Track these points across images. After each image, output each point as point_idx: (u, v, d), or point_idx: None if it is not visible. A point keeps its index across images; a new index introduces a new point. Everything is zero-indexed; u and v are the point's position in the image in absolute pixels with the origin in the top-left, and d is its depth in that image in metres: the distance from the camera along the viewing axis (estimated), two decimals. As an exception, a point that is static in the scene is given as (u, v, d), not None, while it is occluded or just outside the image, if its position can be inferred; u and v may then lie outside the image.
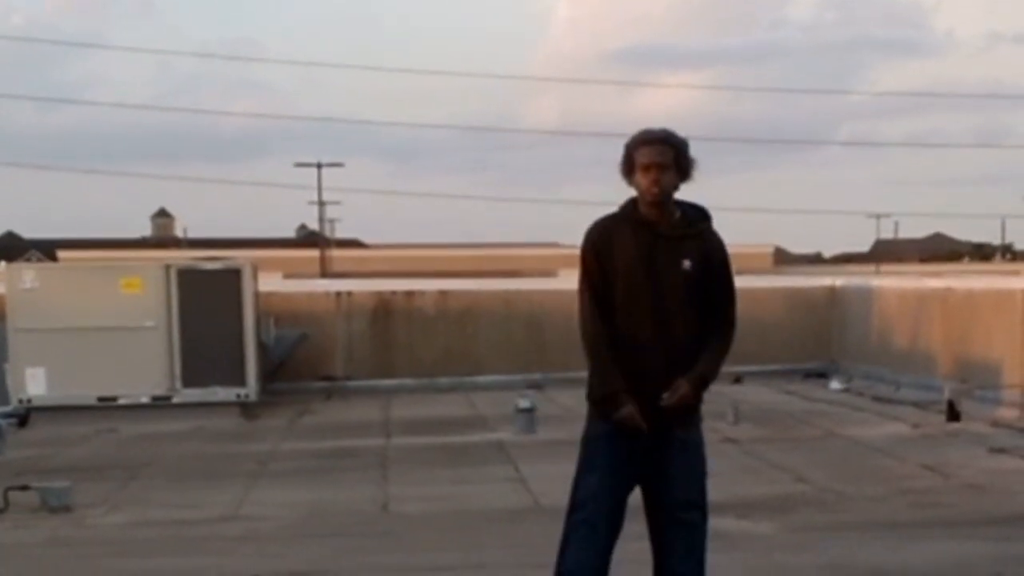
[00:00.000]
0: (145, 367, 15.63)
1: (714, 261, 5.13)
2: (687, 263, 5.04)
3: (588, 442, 5.16)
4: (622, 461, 5.06)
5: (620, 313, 5.04)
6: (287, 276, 28.18)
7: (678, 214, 5.12)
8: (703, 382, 5.12)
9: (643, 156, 5.04)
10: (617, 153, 5.13)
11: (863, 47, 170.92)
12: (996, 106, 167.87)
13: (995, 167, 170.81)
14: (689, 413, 5.17)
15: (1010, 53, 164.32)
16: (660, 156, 5.03)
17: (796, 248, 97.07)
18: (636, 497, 5.14)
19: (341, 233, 79.63)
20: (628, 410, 4.99)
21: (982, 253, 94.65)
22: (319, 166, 66.35)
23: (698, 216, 5.19)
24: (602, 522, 5.05)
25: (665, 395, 5.01)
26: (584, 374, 5.14)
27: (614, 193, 5.02)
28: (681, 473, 5.12)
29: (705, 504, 5.20)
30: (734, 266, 5.27)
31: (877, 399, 16.23)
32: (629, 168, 5.09)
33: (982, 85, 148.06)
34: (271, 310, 17.82)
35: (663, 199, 5.05)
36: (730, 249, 5.26)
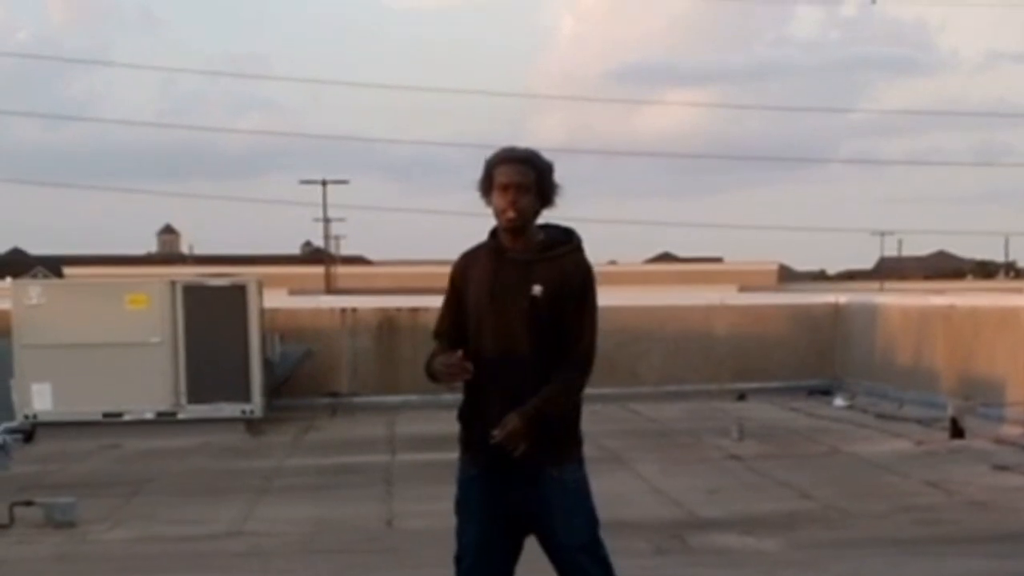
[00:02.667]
0: (150, 383, 15.65)
1: (569, 287, 4.76)
2: (537, 288, 4.72)
3: (460, 485, 4.88)
4: (495, 505, 4.77)
5: (473, 342, 4.79)
6: (292, 292, 28.25)
7: (540, 237, 4.82)
8: (537, 416, 4.64)
9: (501, 175, 4.73)
10: (620, 170, 5.00)
11: (865, 65, 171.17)
12: (997, 124, 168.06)
13: (998, 185, 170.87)
14: (558, 449, 4.76)
15: (1011, 72, 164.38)
16: (520, 176, 4.73)
17: (800, 265, 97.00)
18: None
19: (346, 250, 79.70)
20: (440, 359, 4.73)
21: (986, 270, 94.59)
22: (324, 183, 66.47)
23: (560, 239, 4.85)
24: (490, 568, 4.82)
25: (495, 431, 4.62)
26: (585, 391, 5.02)
27: (616, 210, 4.97)
28: (561, 516, 4.76)
29: (597, 547, 4.84)
30: (736, 283, 5.20)
31: (881, 416, 16.23)
32: (488, 187, 4.78)
33: (983, 103, 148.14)
34: (276, 326, 17.85)
35: (519, 224, 4.74)
36: (734, 266, 5.17)
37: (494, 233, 4.87)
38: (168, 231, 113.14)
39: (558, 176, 4.88)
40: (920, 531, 9.18)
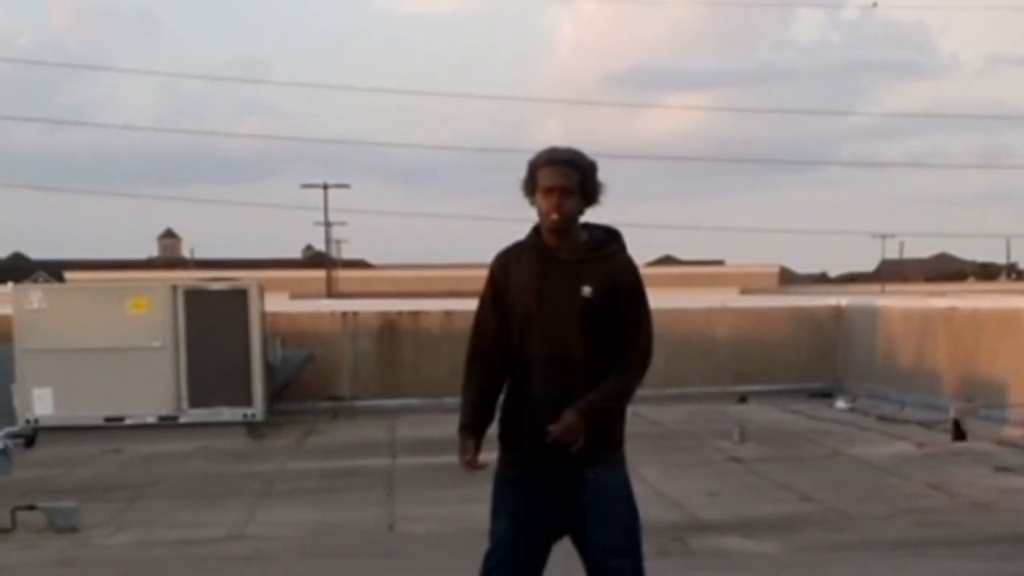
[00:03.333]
0: (152, 387, 15.65)
1: (621, 286, 4.77)
2: (587, 289, 4.70)
3: (496, 483, 4.88)
4: (530, 506, 4.75)
5: (517, 342, 4.77)
6: (294, 296, 28.25)
7: (584, 237, 4.81)
8: (593, 411, 4.63)
9: (545, 178, 4.73)
10: (621, 173, 5.01)
11: (866, 68, 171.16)
12: (998, 127, 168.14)
13: (999, 187, 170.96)
14: (598, 451, 4.71)
15: (1011, 74, 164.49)
16: (563, 179, 4.72)
17: (801, 268, 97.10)
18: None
19: (347, 254, 79.85)
20: (465, 455, 4.76)
21: (987, 272, 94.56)
22: (325, 187, 66.58)
23: (606, 239, 4.84)
24: (516, 568, 4.79)
25: (551, 427, 4.60)
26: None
27: (618, 213, 4.96)
28: (598, 518, 4.72)
29: (635, 551, 4.79)
30: (737, 286, 5.20)
31: (882, 418, 16.22)
32: (531, 188, 4.78)
33: (984, 106, 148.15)
34: (278, 330, 17.85)
35: (565, 225, 4.74)
36: (735, 269, 5.18)
37: (536, 232, 4.83)
38: (169, 235, 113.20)
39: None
40: (922, 533, 9.18)
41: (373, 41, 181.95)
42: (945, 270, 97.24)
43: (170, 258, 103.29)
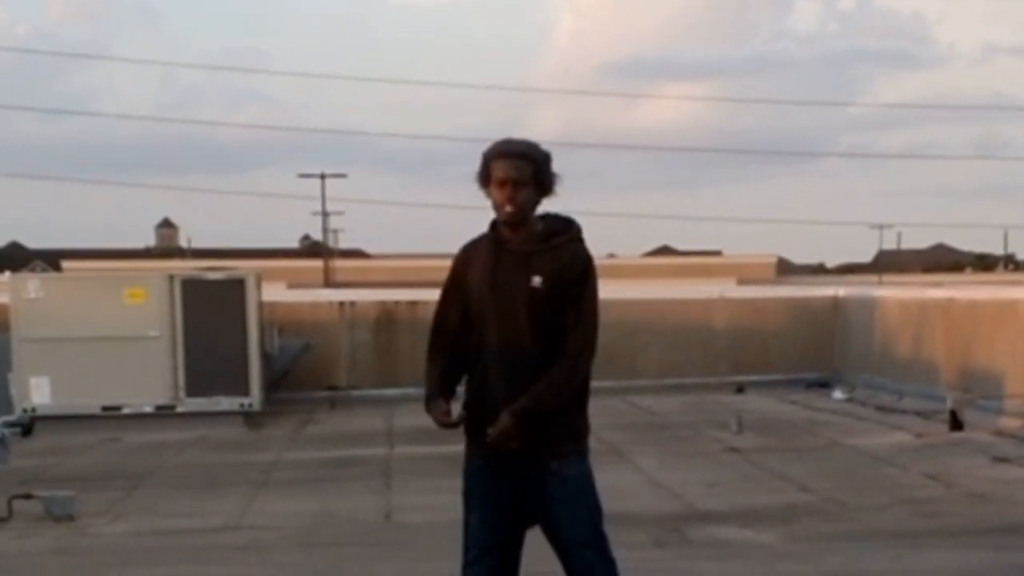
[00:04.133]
0: (149, 377, 15.65)
1: (567, 276, 4.74)
2: (536, 279, 4.70)
3: (465, 477, 4.91)
4: (499, 497, 4.79)
5: (477, 333, 4.81)
6: (291, 286, 28.21)
7: (539, 228, 4.80)
8: (526, 413, 4.64)
9: (498, 170, 4.72)
10: (618, 163, 4.99)
11: (863, 59, 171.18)
12: (995, 117, 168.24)
13: (996, 178, 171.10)
14: (561, 442, 4.76)
15: (1008, 65, 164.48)
16: (516, 171, 4.71)
17: (799, 258, 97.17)
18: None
19: (344, 243, 79.76)
20: (437, 413, 4.76)
21: (984, 263, 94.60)
22: (323, 177, 66.50)
23: (559, 228, 4.84)
24: (496, 559, 4.82)
25: (489, 430, 4.65)
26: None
27: (615, 204, 4.94)
28: (563, 509, 4.76)
29: (601, 542, 4.83)
30: (735, 276, 5.17)
31: (880, 409, 16.22)
32: (485, 180, 4.78)
33: (981, 97, 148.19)
34: (275, 320, 17.84)
35: (519, 218, 4.74)
36: (733, 259, 5.15)
37: (494, 225, 4.86)
38: (166, 225, 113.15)
39: (557, 168, 4.86)
40: (919, 523, 9.18)
41: (371, 31, 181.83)
42: (942, 261, 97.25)
43: (167, 247, 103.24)
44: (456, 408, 4.86)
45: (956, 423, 13.69)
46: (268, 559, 8.56)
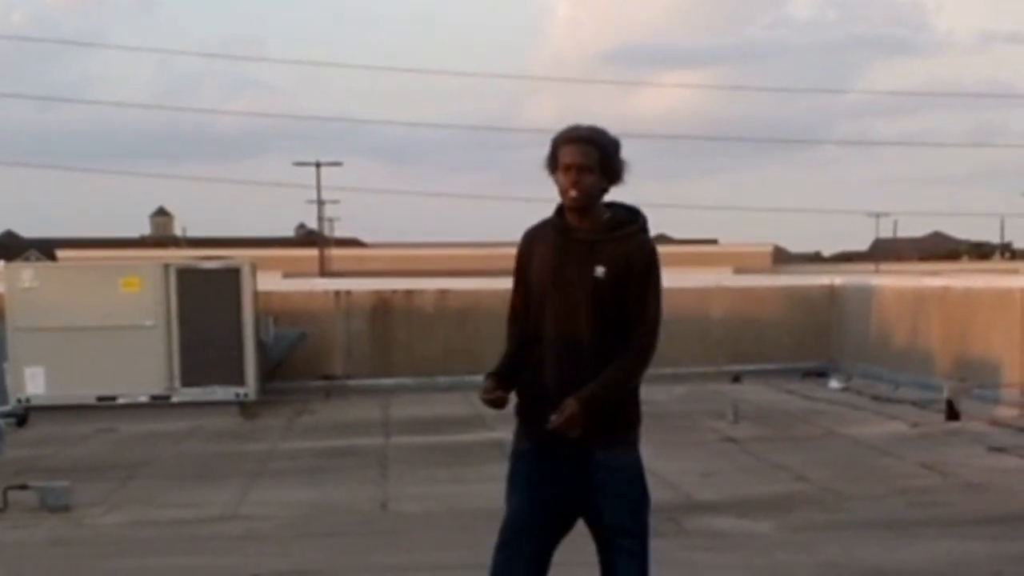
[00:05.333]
0: (144, 366, 15.63)
1: (632, 268, 4.73)
2: (600, 270, 4.70)
3: (512, 459, 4.92)
4: (543, 482, 4.79)
5: (535, 320, 4.80)
6: (286, 275, 28.17)
7: (606, 216, 4.80)
8: (594, 401, 4.64)
9: (565, 155, 4.72)
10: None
11: (860, 46, 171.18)
12: (991, 105, 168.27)
13: (992, 165, 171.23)
14: (611, 432, 4.77)
15: (1004, 52, 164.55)
16: (582, 157, 4.70)
17: (795, 247, 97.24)
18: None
19: (340, 232, 79.80)
20: (486, 386, 4.78)
21: (981, 252, 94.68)
22: (318, 165, 66.47)
23: (626, 219, 4.83)
24: (526, 545, 4.82)
25: (553, 416, 4.63)
26: None
27: (611, 192, 4.87)
28: (607, 499, 4.78)
29: (642, 532, 4.90)
30: (731, 265, 5.16)
31: (876, 398, 16.23)
32: (553, 165, 4.78)
33: (977, 84, 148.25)
34: (270, 309, 17.81)
35: (583, 203, 4.73)
36: (729, 248, 5.14)
37: (560, 211, 4.83)
38: (161, 213, 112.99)
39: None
40: (916, 513, 9.18)
41: (367, 19, 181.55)
42: (939, 249, 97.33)
43: (162, 236, 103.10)
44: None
45: (952, 412, 13.69)
46: (264, 549, 8.54)
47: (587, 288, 4.70)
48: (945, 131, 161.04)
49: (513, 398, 4.88)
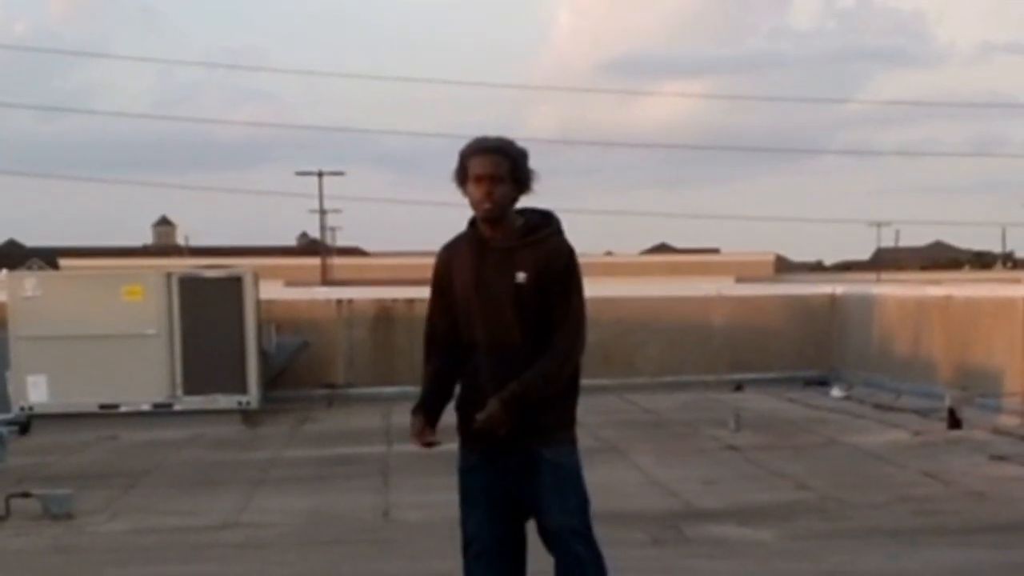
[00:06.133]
0: (146, 375, 15.62)
1: (552, 270, 4.79)
2: (521, 275, 4.75)
3: (461, 474, 4.97)
4: (495, 490, 4.84)
5: (465, 332, 4.86)
6: (288, 284, 28.20)
7: (519, 223, 4.84)
8: (514, 399, 4.69)
9: (475, 167, 4.76)
10: (616, 161, 4.99)
11: (859, 56, 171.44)
12: (992, 115, 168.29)
13: (994, 175, 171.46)
14: (553, 431, 4.82)
15: (1005, 62, 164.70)
16: (493, 167, 4.75)
17: (797, 256, 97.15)
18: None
19: (342, 241, 79.81)
20: (413, 429, 4.92)
21: (983, 261, 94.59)
22: (320, 174, 66.50)
23: (539, 223, 4.87)
24: (497, 554, 4.86)
25: (477, 416, 4.72)
26: (582, 381, 5.04)
27: (613, 201, 4.94)
28: (554, 495, 4.80)
29: (588, 533, 4.86)
30: (733, 274, 5.18)
31: (878, 407, 16.21)
32: (463, 178, 4.81)
33: (978, 94, 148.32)
34: (272, 318, 17.82)
35: (497, 214, 4.78)
36: (730, 257, 5.16)
37: (473, 223, 4.89)
38: (164, 223, 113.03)
39: (553, 166, 4.87)
40: (917, 522, 9.17)
41: (368, 28, 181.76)
42: (941, 258, 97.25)
43: (165, 245, 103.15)
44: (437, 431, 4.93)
45: (954, 421, 13.68)
46: (266, 557, 8.55)
47: (510, 295, 4.77)
48: (946, 141, 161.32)
49: (449, 417, 4.97)
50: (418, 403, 4.98)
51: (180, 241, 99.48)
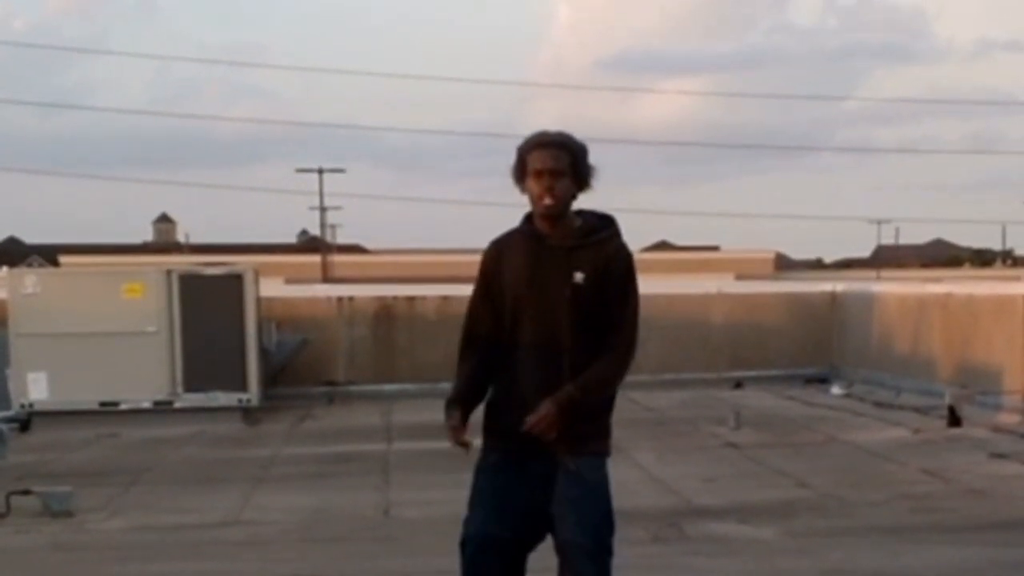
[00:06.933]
0: (147, 372, 15.63)
1: (612, 273, 4.67)
2: (579, 276, 4.62)
3: (476, 472, 4.82)
4: (508, 494, 4.68)
5: (509, 329, 4.71)
6: (289, 281, 28.19)
7: (578, 223, 4.72)
8: (571, 403, 4.56)
9: (536, 161, 4.63)
10: (616, 158, 4.94)
11: (859, 53, 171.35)
12: (992, 112, 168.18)
13: (993, 173, 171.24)
14: (584, 440, 4.64)
15: (1004, 60, 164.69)
16: (554, 161, 4.62)
17: (797, 254, 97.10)
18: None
19: (342, 238, 79.69)
20: (450, 423, 4.68)
21: (983, 259, 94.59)
22: (320, 171, 66.50)
23: (599, 225, 4.75)
24: (492, 561, 4.69)
25: (528, 417, 4.55)
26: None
27: (612, 199, 4.93)
28: (571, 510, 4.60)
29: (601, 555, 4.64)
30: (733, 271, 5.15)
31: (878, 404, 16.23)
32: (521, 174, 4.68)
33: (977, 91, 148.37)
34: (273, 315, 17.82)
35: (558, 210, 4.65)
36: (731, 255, 5.13)
37: (528, 218, 4.76)
38: (164, 220, 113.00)
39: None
40: (917, 519, 9.19)
41: (368, 25, 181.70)
42: (941, 256, 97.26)
43: (165, 243, 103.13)
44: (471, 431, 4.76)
45: (954, 419, 13.69)
46: (266, 555, 8.55)
47: (566, 295, 4.63)
48: (946, 138, 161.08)
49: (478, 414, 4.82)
50: (452, 397, 4.77)
51: (180, 238, 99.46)
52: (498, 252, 4.81)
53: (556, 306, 4.64)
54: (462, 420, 4.72)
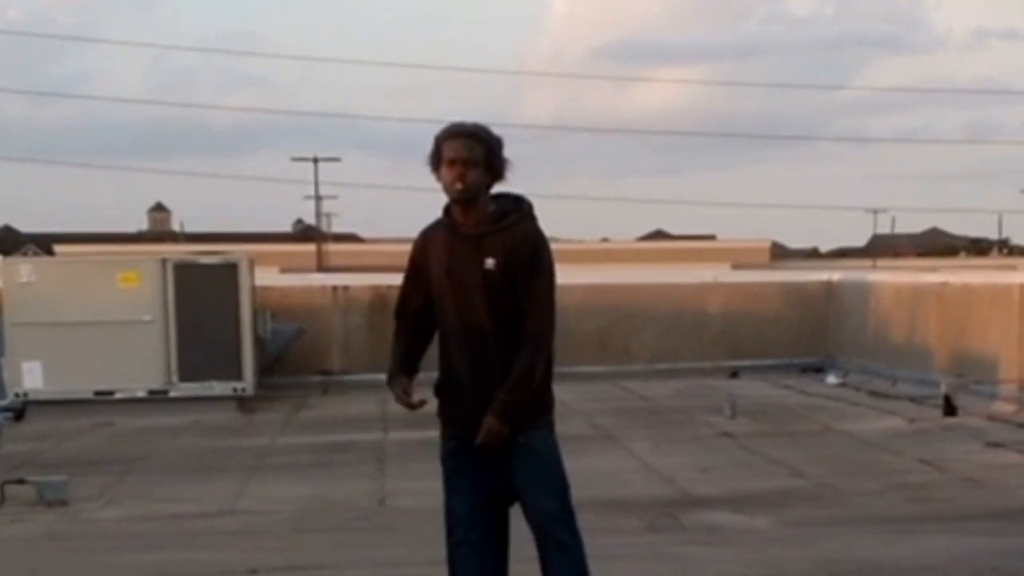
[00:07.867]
0: (142, 361, 15.61)
1: (519, 257, 4.80)
2: (490, 262, 4.79)
3: (442, 461, 5.08)
4: (475, 475, 4.92)
5: (440, 317, 4.94)
6: (284, 270, 28.17)
7: (491, 209, 4.86)
8: (507, 408, 4.79)
9: (449, 150, 4.79)
10: (611, 147, 5.02)
11: (856, 42, 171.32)
12: (988, 101, 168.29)
13: (989, 162, 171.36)
14: (527, 416, 4.88)
15: (1000, 49, 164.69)
16: (467, 151, 4.77)
17: (793, 243, 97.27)
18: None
19: (338, 227, 79.74)
20: (397, 390, 4.97)
21: (979, 248, 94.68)
22: (316, 160, 66.45)
23: (510, 208, 4.88)
24: (481, 539, 4.93)
25: (478, 436, 4.82)
26: (578, 368, 5.14)
27: (608, 188, 4.95)
28: (532, 481, 4.87)
29: (569, 518, 4.92)
30: (729, 260, 5.18)
31: (873, 393, 16.24)
32: (437, 162, 4.85)
33: (974, 80, 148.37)
34: (268, 304, 17.81)
35: (468, 197, 4.79)
36: (727, 244, 5.16)
37: (447, 209, 4.92)
38: (159, 209, 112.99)
39: (545, 152, 4.89)
40: (913, 509, 9.19)
41: (364, 14, 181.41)
42: (937, 245, 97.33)
43: (160, 231, 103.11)
44: (418, 391, 5.01)
45: (950, 408, 13.70)
46: (262, 544, 8.55)
47: (479, 281, 4.80)
48: (942, 127, 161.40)
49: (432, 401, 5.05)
50: (391, 372, 5.03)
51: (175, 227, 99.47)
52: (423, 243, 5.01)
53: (472, 292, 4.82)
54: (407, 380, 5.00)
